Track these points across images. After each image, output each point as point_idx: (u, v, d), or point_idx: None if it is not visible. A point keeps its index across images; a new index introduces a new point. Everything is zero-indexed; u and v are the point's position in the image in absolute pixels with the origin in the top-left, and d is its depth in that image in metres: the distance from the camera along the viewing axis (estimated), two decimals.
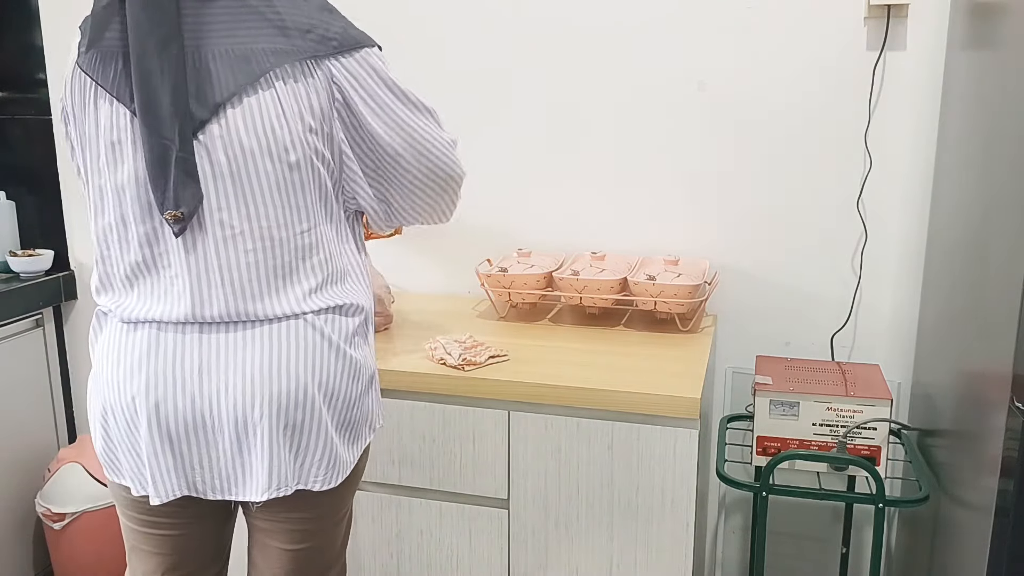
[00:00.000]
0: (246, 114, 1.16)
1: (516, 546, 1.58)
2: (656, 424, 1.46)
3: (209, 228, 1.18)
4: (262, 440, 1.19)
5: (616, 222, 1.98)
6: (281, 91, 1.17)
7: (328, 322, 1.23)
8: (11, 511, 2.22)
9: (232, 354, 1.19)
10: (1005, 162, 1.34)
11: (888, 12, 1.76)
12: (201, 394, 1.19)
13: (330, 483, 1.24)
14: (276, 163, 1.18)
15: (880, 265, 1.88)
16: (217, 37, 1.16)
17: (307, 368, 1.20)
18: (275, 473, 1.20)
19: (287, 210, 1.20)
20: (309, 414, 1.21)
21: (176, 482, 1.22)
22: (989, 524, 1.30)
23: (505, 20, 1.98)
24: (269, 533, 1.31)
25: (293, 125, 1.18)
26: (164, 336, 1.20)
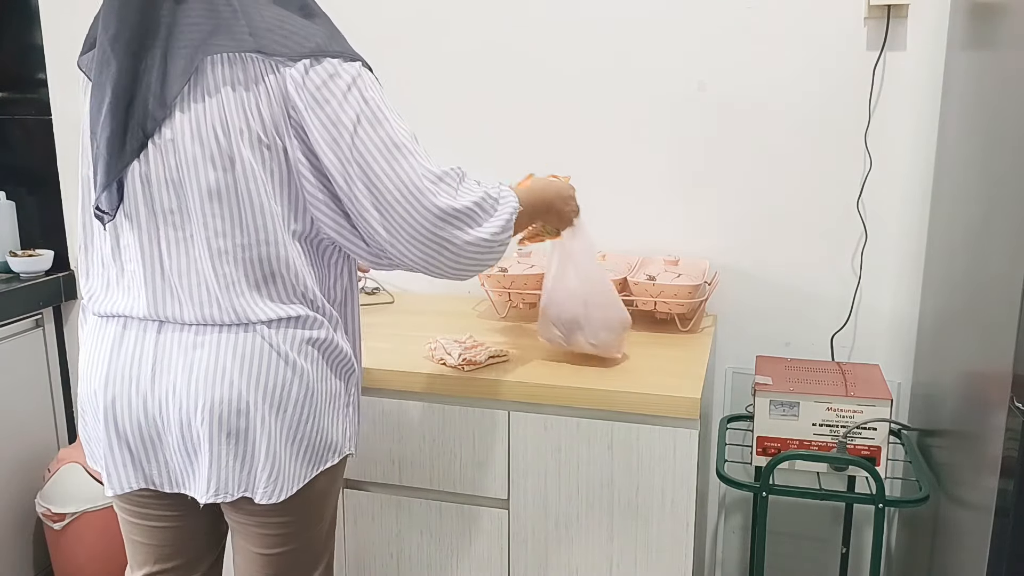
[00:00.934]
0: (191, 118, 1.14)
1: (516, 546, 1.58)
2: (656, 424, 1.46)
3: (163, 229, 1.19)
4: (204, 445, 1.20)
5: (616, 222, 1.98)
6: (227, 96, 1.13)
7: (281, 334, 1.20)
8: (11, 511, 2.22)
9: (183, 356, 1.20)
10: (1005, 162, 1.34)
11: (888, 12, 1.76)
12: (152, 394, 1.20)
13: (274, 497, 1.21)
14: (219, 171, 1.14)
15: (880, 265, 1.88)
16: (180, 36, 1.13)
17: (249, 377, 1.18)
18: (214, 479, 1.20)
19: (235, 220, 1.16)
20: (251, 422, 1.19)
21: (132, 475, 1.25)
22: (989, 524, 1.30)
23: (505, 20, 1.98)
24: (243, 536, 1.31)
25: (235, 134, 1.13)
26: (128, 332, 1.23)
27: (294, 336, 1.21)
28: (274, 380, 1.19)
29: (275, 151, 1.16)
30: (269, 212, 1.17)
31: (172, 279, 1.19)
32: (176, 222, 1.18)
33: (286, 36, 1.13)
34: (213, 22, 1.13)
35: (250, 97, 1.13)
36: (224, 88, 1.13)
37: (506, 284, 1.84)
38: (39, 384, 2.33)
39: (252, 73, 1.13)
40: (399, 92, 2.06)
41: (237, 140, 1.13)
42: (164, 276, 1.20)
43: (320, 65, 1.14)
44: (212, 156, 1.14)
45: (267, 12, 1.14)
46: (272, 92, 1.13)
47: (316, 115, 1.14)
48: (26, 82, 2.29)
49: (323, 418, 1.25)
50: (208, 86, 1.13)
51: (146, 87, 1.14)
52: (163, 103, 1.13)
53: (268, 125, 1.14)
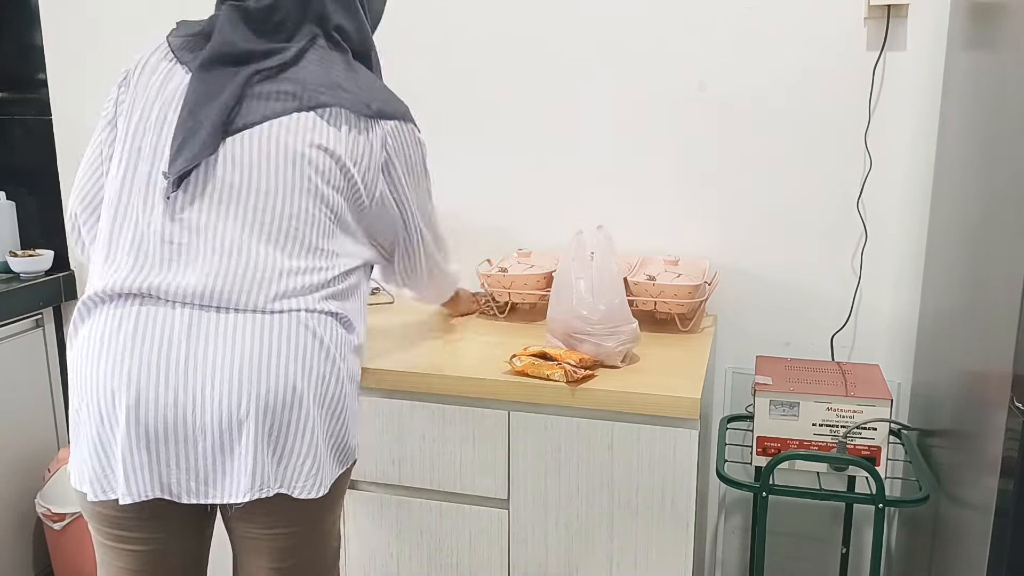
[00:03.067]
0: (290, 126, 1.24)
1: (516, 546, 1.58)
2: (656, 424, 1.46)
3: (229, 210, 1.21)
4: (247, 439, 1.16)
5: (616, 222, 1.98)
6: (333, 127, 1.26)
7: (323, 324, 1.22)
8: (11, 511, 2.22)
9: (222, 344, 1.16)
10: (1005, 162, 1.34)
11: (888, 12, 1.76)
12: (186, 389, 1.15)
13: (313, 492, 1.20)
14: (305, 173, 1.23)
15: (880, 265, 1.88)
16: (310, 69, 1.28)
17: (299, 366, 1.18)
18: (258, 474, 1.16)
19: (299, 215, 1.23)
20: (301, 413, 1.18)
21: (149, 482, 1.17)
22: (989, 524, 1.30)
23: (506, 20, 1.98)
24: (253, 551, 1.28)
25: (330, 155, 1.26)
26: (153, 318, 1.17)
27: (334, 330, 1.24)
28: (319, 371, 1.21)
29: (356, 178, 1.30)
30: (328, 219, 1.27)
31: (224, 258, 1.19)
32: (243, 202, 1.21)
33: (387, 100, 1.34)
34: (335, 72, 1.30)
35: (349, 131, 1.28)
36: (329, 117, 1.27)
37: (506, 284, 1.84)
38: (39, 384, 2.33)
39: (356, 117, 1.29)
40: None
41: (329, 161, 1.26)
42: (217, 253, 1.19)
43: (411, 126, 1.38)
44: (303, 161, 1.24)
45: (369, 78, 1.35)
46: (372, 136, 1.31)
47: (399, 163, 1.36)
48: (26, 82, 2.29)
49: (350, 417, 1.27)
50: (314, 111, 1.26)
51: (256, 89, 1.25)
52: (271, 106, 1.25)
53: (357, 158, 1.29)
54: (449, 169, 2.07)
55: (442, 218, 1.54)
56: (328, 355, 1.22)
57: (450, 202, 2.08)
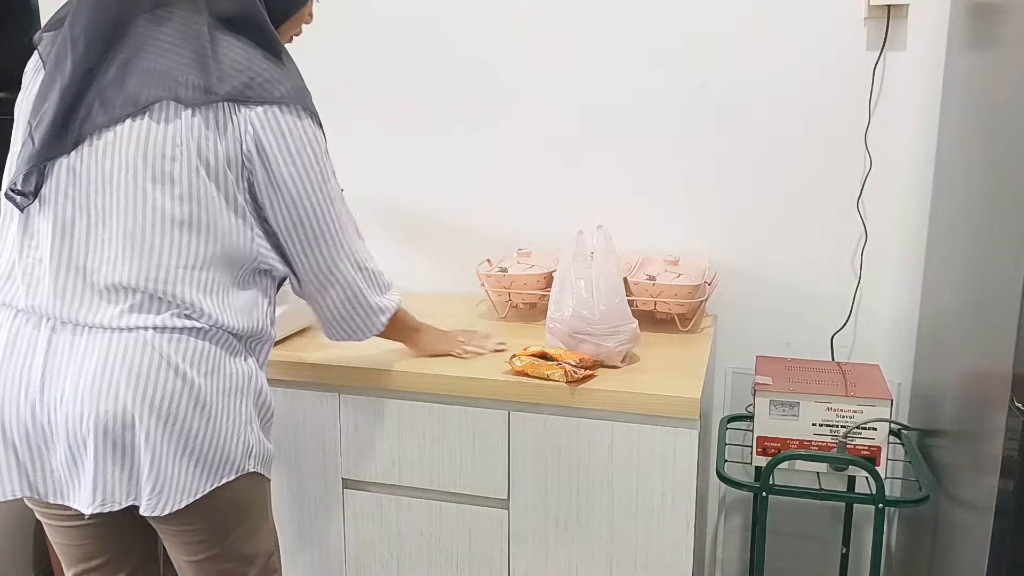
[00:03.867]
0: (140, 132, 1.16)
1: (516, 546, 1.58)
2: (656, 424, 1.46)
3: (77, 224, 1.18)
4: (89, 455, 1.18)
5: (616, 222, 1.97)
6: (185, 122, 1.16)
7: (174, 344, 1.19)
8: (11, 511, 2.22)
9: (73, 362, 1.18)
10: (1005, 162, 1.34)
11: (888, 12, 1.76)
12: (41, 402, 1.19)
13: (158, 509, 1.20)
14: (158, 187, 1.17)
15: (880, 265, 1.88)
16: (149, 55, 1.17)
17: (136, 388, 1.17)
18: (100, 488, 1.19)
19: (155, 230, 1.18)
20: (136, 435, 1.18)
21: (18, 482, 1.25)
22: (989, 524, 1.30)
23: (505, 20, 1.98)
24: (169, 544, 1.32)
25: (184, 159, 1.17)
26: (22, 331, 1.21)
27: (187, 347, 1.20)
28: (162, 391, 1.18)
29: (225, 183, 1.20)
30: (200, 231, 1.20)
31: (76, 276, 1.19)
32: (93, 219, 1.18)
33: (254, 81, 1.19)
34: (184, 55, 1.17)
35: (208, 133, 1.17)
36: (180, 119, 1.16)
37: (506, 284, 1.84)
38: None
39: (216, 116, 1.18)
40: (396, 98, 2.06)
41: (185, 165, 1.17)
42: (69, 271, 1.19)
43: (283, 114, 1.21)
44: (154, 173, 1.17)
45: (237, 53, 1.19)
46: (232, 130, 1.18)
47: (276, 150, 1.22)
48: None
49: (218, 433, 1.22)
50: (167, 113, 1.16)
51: (96, 91, 1.16)
52: (110, 113, 1.16)
53: (221, 159, 1.18)
54: (449, 169, 2.07)
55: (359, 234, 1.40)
56: (177, 372, 1.19)
57: (450, 202, 2.08)
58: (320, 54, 2.07)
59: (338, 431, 1.62)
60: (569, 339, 1.56)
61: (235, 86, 1.17)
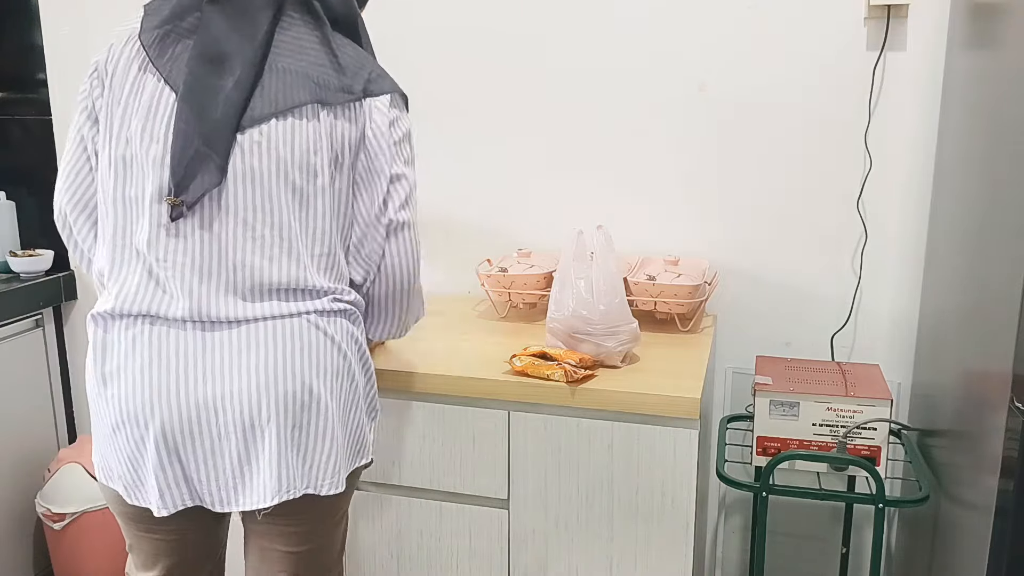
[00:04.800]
0: (286, 132, 1.20)
1: (516, 546, 1.58)
2: (656, 424, 1.46)
3: (225, 225, 1.20)
4: (270, 444, 1.19)
5: (616, 222, 1.98)
6: (323, 121, 1.22)
7: (329, 322, 1.24)
8: (11, 511, 2.22)
9: (233, 355, 1.19)
10: (1005, 162, 1.34)
11: (888, 12, 1.76)
12: (205, 403, 1.18)
13: (337, 487, 1.24)
14: (301, 178, 1.21)
15: (880, 265, 1.88)
16: (284, 56, 1.22)
17: (312, 364, 1.21)
18: (284, 476, 1.19)
19: (302, 227, 1.23)
20: (316, 413, 1.21)
21: (180, 495, 1.21)
22: (989, 524, 1.30)
23: (505, 20, 1.98)
24: (268, 537, 1.31)
25: (322, 154, 1.22)
26: (167, 340, 1.19)
27: (341, 326, 1.25)
28: (333, 366, 1.23)
29: (343, 169, 1.25)
30: (337, 223, 1.26)
31: (224, 274, 1.20)
32: (245, 219, 1.20)
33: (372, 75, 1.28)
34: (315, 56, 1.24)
35: (338, 123, 1.24)
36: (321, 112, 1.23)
37: (506, 284, 1.84)
38: (39, 384, 2.33)
39: (344, 106, 1.25)
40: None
41: (323, 160, 1.22)
42: (212, 272, 1.20)
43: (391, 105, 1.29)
44: (295, 163, 1.21)
45: (354, 51, 1.29)
46: (358, 118, 1.26)
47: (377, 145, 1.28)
48: (26, 82, 2.29)
49: (361, 412, 1.29)
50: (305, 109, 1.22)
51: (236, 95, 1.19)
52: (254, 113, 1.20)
53: (343, 146, 1.24)
54: (450, 169, 2.07)
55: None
56: (339, 349, 1.25)
57: (451, 202, 2.08)
58: None
59: None
60: (569, 339, 1.56)
61: (362, 83, 1.26)
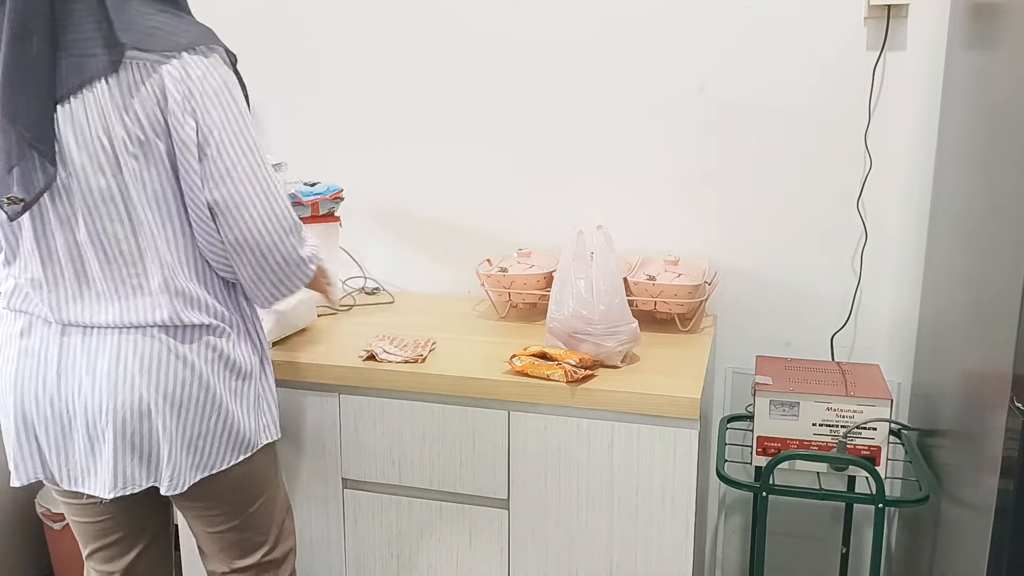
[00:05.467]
0: (76, 129, 1.16)
1: (516, 546, 1.58)
2: (656, 424, 1.46)
3: (59, 232, 1.21)
4: (108, 445, 1.24)
5: (616, 222, 1.98)
6: (106, 100, 1.14)
7: (179, 337, 1.25)
8: (11, 511, 2.22)
9: (86, 359, 1.24)
10: (1005, 162, 1.34)
11: (888, 12, 1.76)
12: (59, 394, 1.25)
13: (178, 488, 1.27)
14: (107, 177, 1.17)
15: (880, 265, 1.88)
16: (66, 35, 1.14)
17: (150, 379, 1.23)
18: (120, 475, 1.25)
19: (124, 222, 1.20)
20: (153, 423, 1.24)
21: (40, 468, 1.30)
22: (989, 524, 1.30)
23: (505, 21, 1.98)
24: (190, 519, 1.39)
25: (118, 140, 1.16)
26: (34, 331, 1.26)
27: (192, 339, 1.26)
28: (174, 381, 1.24)
29: (152, 147, 1.18)
30: (157, 210, 1.20)
31: (71, 281, 1.23)
32: (72, 225, 1.20)
33: (161, 35, 1.16)
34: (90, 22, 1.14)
35: (125, 95, 1.15)
36: (101, 89, 1.14)
37: (506, 284, 1.84)
38: None
39: (128, 71, 1.15)
40: (396, 99, 2.06)
41: (120, 146, 1.16)
42: (63, 279, 1.23)
43: (200, 55, 1.17)
44: (100, 164, 1.17)
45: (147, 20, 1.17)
46: (150, 86, 1.15)
47: (196, 101, 1.17)
48: None
49: (228, 416, 1.29)
50: (86, 89, 1.14)
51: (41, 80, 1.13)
52: (47, 114, 1.14)
53: (146, 126, 1.17)
54: (450, 169, 2.07)
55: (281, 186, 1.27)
56: (185, 362, 1.25)
57: (450, 202, 2.08)
58: (323, 57, 2.08)
59: (338, 431, 1.63)
60: (569, 339, 1.56)
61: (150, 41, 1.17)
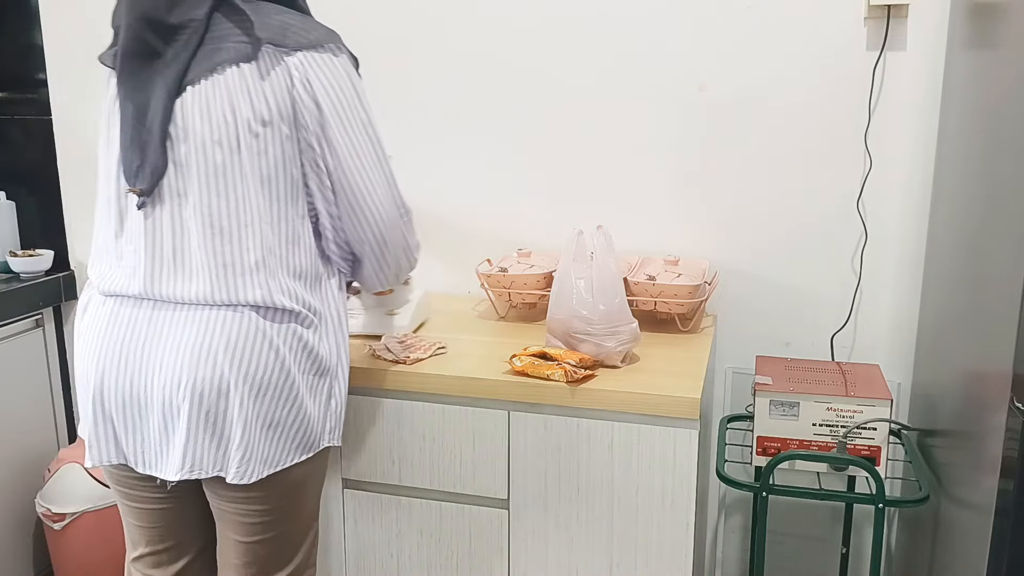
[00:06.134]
0: (201, 105, 1.22)
1: (516, 546, 1.58)
2: (656, 424, 1.46)
3: (168, 209, 1.25)
4: (183, 422, 1.24)
5: (616, 222, 1.98)
6: (235, 83, 1.22)
7: (267, 318, 1.26)
8: (11, 511, 2.22)
9: (172, 334, 1.25)
10: (1005, 162, 1.34)
11: (888, 12, 1.76)
12: (140, 371, 1.26)
13: (246, 477, 1.26)
14: (222, 147, 1.22)
15: (880, 265, 1.88)
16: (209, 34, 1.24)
17: (233, 358, 1.24)
18: (189, 455, 1.25)
19: (237, 204, 1.24)
20: (230, 403, 1.24)
21: (114, 450, 1.31)
22: (989, 524, 1.30)
23: (506, 20, 1.98)
24: (224, 523, 1.36)
25: (242, 114, 1.22)
26: (123, 310, 1.28)
27: (280, 323, 1.27)
28: (256, 363, 1.25)
29: (275, 133, 1.24)
30: (272, 193, 1.26)
31: (169, 257, 1.25)
32: (182, 202, 1.24)
33: (295, 27, 1.25)
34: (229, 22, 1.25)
35: (254, 81, 1.23)
36: (231, 73, 1.22)
37: (506, 284, 1.84)
38: (39, 384, 2.33)
39: (260, 60, 1.23)
40: (396, 99, 2.06)
41: (244, 125, 1.22)
42: (163, 255, 1.25)
43: (328, 52, 1.27)
44: (220, 139, 1.22)
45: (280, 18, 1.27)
46: (279, 75, 1.24)
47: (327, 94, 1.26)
48: (26, 82, 2.29)
49: (302, 408, 1.30)
50: (216, 73, 1.22)
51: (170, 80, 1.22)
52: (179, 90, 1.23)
53: (273, 109, 1.23)
54: (450, 169, 2.07)
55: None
56: (271, 347, 1.26)
57: (450, 202, 2.08)
58: None
59: None
60: (569, 339, 1.56)
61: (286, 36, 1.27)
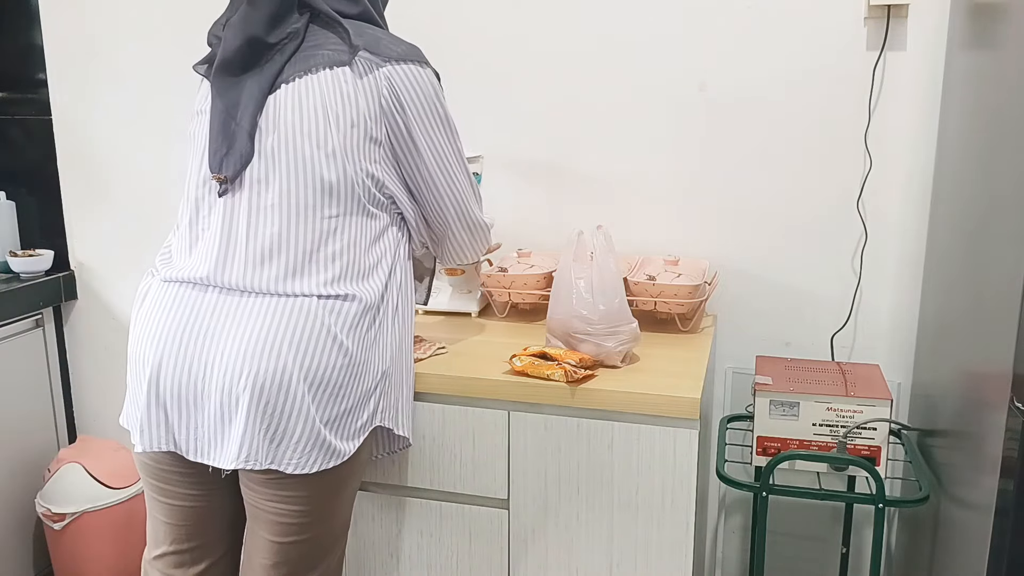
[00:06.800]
0: (294, 100, 1.27)
1: (516, 546, 1.58)
2: (656, 424, 1.46)
3: (247, 196, 1.27)
4: (242, 412, 1.24)
5: (617, 222, 1.98)
6: (328, 83, 1.27)
7: (332, 310, 1.27)
8: (11, 511, 2.22)
9: (236, 323, 1.25)
10: (1005, 162, 1.34)
11: (888, 12, 1.76)
12: (199, 358, 1.25)
13: (305, 468, 1.26)
14: (309, 139, 1.26)
15: (880, 265, 1.88)
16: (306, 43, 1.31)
17: (296, 352, 1.24)
18: (246, 446, 1.24)
19: (317, 194, 1.27)
20: (288, 398, 1.24)
21: (164, 437, 1.29)
22: (989, 524, 1.30)
23: (507, 20, 1.98)
24: (259, 522, 1.34)
25: (332, 109, 1.27)
26: (186, 294, 1.28)
27: (345, 316, 1.28)
28: (320, 358, 1.25)
29: (360, 131, 1.30)
30: (352, 189, 1.29)
31: (241, 244, 1.27)
32: (260, 191, 1.27)
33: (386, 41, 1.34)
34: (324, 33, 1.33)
35: (348, 85, 1.29)
36: (327, 75, 1.29)
37: (506, 284, 1.84)
38: (39, 384, 2.33)
39: (354, 66, 1.30)
40: None
41: (333, 119, 1.27)
42: (236, 240, 1.27)
43: (417, 65, 1.35)
44: (308, 131, 1.26)
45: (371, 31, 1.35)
46: (372, 82, 1.30)
47: (413, 104, 1.34)
48: (26, 82, 2.29)
49: (363, 395, 1.31)
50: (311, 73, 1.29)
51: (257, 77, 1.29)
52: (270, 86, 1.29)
53: (362, 108, 1.29)
54: None
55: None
56: (334, 341, 1.26)
57: None
58: None
59: None
60: (569, 339, 1.56)
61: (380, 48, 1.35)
